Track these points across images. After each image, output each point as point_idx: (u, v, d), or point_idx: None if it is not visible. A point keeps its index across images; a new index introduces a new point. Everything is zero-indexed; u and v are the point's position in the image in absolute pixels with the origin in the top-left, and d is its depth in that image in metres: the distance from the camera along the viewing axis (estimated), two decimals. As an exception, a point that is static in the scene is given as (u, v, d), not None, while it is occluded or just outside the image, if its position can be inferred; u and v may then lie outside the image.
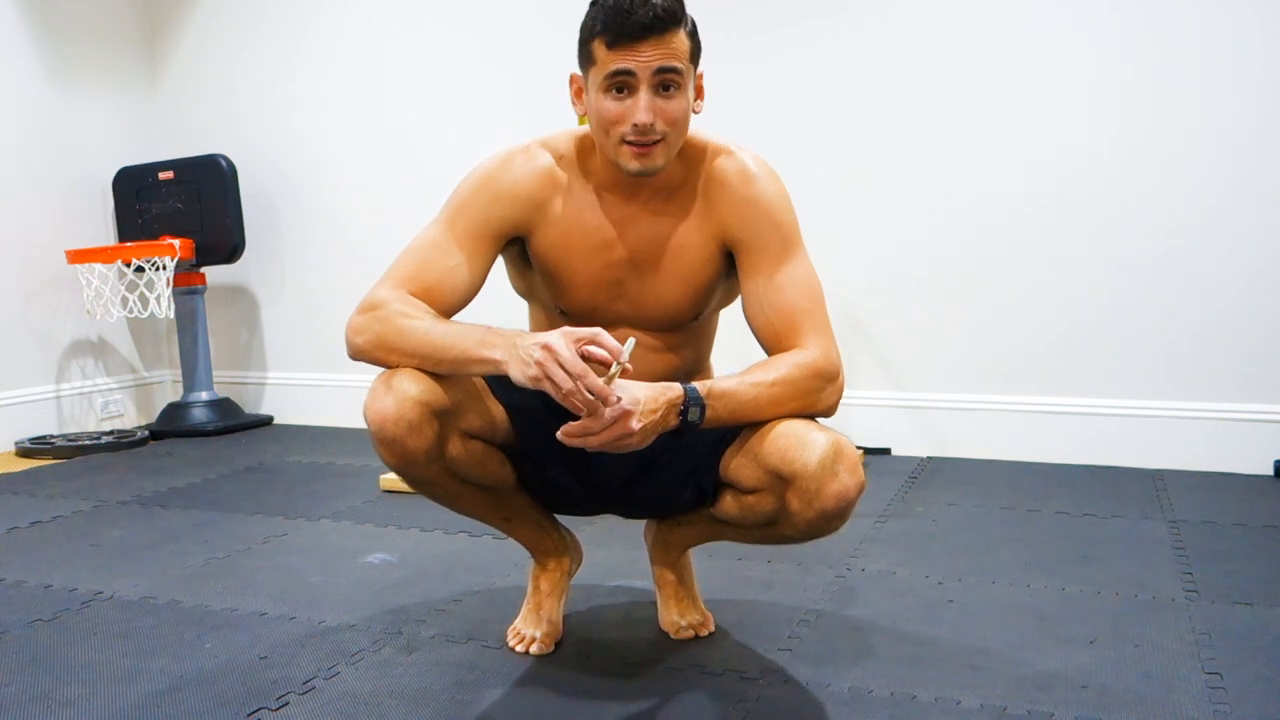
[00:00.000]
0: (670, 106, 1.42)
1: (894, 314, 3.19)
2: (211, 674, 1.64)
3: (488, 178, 1.55)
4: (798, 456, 1.38)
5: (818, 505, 1.38)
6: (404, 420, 1.40)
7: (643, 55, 1.39)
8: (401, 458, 1.43)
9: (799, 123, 3.21)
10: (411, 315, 1.43)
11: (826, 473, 1.37)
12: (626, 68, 1.39)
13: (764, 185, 1.55)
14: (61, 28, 3.88)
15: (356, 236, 3.89)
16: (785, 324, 1.50)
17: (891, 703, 1.49)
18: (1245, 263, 2.80)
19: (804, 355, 1.47)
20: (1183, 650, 1.66)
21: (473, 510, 1.61)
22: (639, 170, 1.46)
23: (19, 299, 3.74)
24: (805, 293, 1.52)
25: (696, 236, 1.56)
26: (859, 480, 1.39)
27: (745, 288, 1.55)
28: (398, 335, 1.42)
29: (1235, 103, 2.77)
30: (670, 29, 1.39)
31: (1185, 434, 2.88)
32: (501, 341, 1.36)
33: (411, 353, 1.42)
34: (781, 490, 1.41)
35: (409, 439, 1.41)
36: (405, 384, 1.40)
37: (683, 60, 1.42)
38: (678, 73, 1.41)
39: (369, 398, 1.42)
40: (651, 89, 1.41)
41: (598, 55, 1.42)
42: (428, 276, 1.49)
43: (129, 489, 3.00)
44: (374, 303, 1.46)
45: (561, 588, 1.74)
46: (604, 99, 1.43)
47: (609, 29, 1.39)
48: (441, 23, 3.69)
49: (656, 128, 1.42)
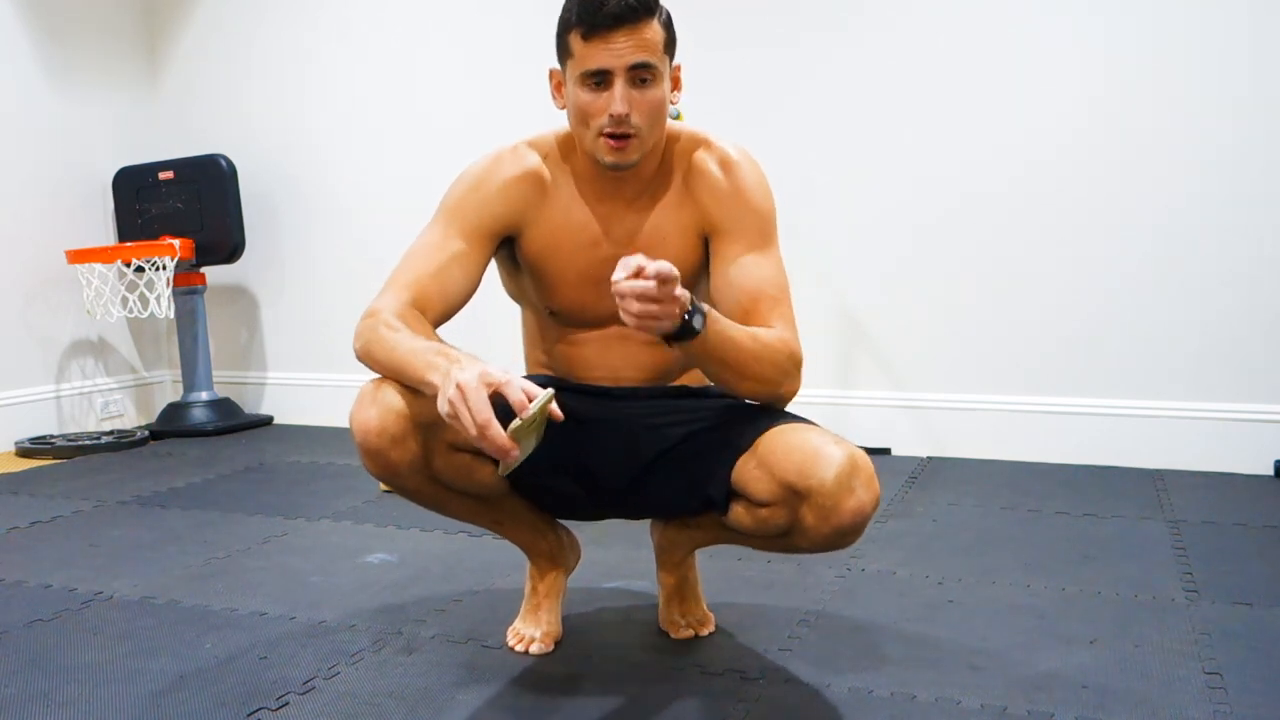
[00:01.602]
0: (646, 98, 1.44)
1: (894, 314, 3.19)
2: (211, 674, 1.64)
3: (479, 178, 1.56)
4: (814, 472, 1.36)
5: (834, 521, 1.37)
6: (386, 433, 1.40)
7: (616, 46, 1.40)
8: (385, 469, 1.43)
9: (799, 122, 3.21)
10: (392, 327, 1.42)
11: (843, 489, 1.35)
12: (602, 67, 1.41)
13: (743, 172, 1.55)
14: (61, 28, 3.88)
15: (357, 236, 3.89)
16: (753, 305, 1.49)
17: (891, 703, 1.49)
18: (1245, 263, 2.80)
19: (780, 334, 1.46)
20: (1183, 650, 1.66)
21: (462, 515, 1.61)
22: (614, 163, 1.47)
23: (19, 299, 3.74)
24: (775, 282, 1.51)
25: (678, 228, 1.56)
26: (875, 495, 1.38)
27: (715, 268, 1.54)
28: (377, 347, 1.42)
29: (1236, 103, 2.77)
30: (643, 19, 1.41)
31: (1185, 434, 2.88)
32: (443, 367, 1.31)
33: (385, 365, 1.42)
34: (796, 504, 1.40)
35: (392, 451, 1.41)
36: (390, 396, 1.40)
37: (656, 52, 1.43)
38: (651, 68, 1.43)
39: (354, 407, 1.42)
40: (627, 80, 1.42)
41: (574, 47, 1.44)
42: (427, 280, 1.49)
43: (129, 489, 3.00)
44: (371, 311, 1.46)
45: (559, 588, 1.74)
46: (581, 92, 1.45)
47: (582, 20, 1.41)
48: (441, 23, 3.69)
49: (632, 119, 1.43)
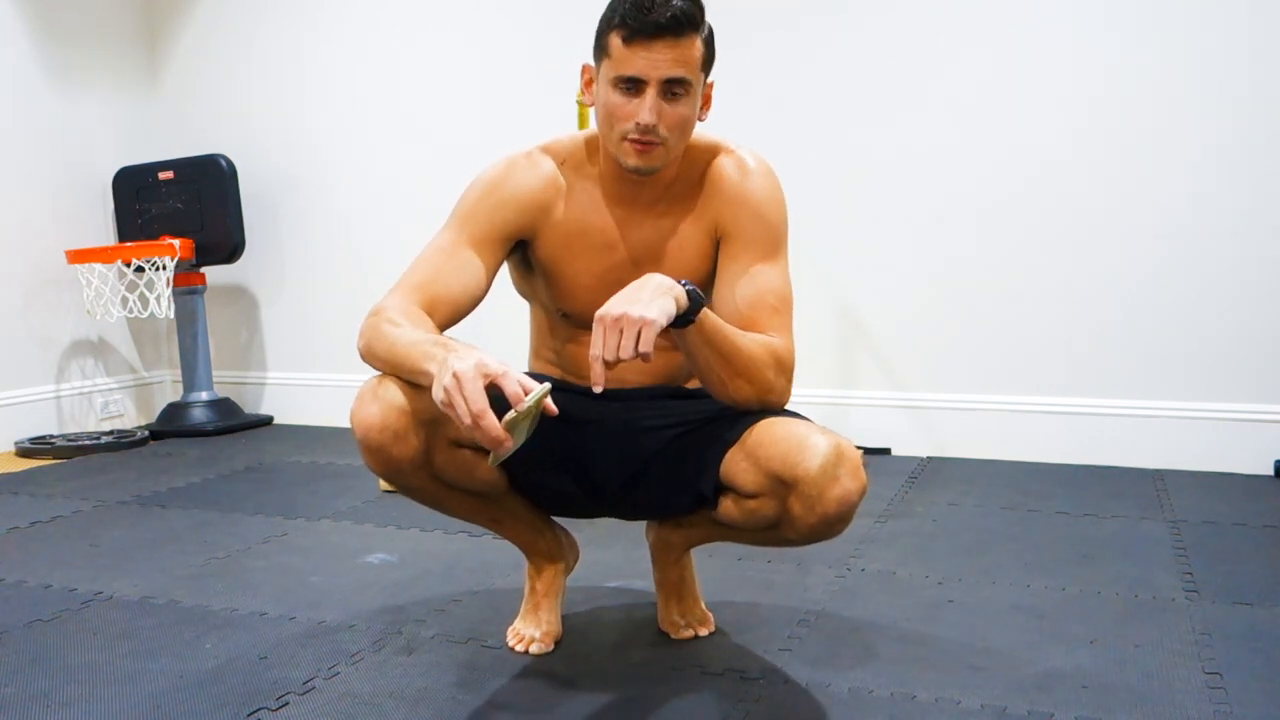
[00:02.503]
0: (675, 111, 1.44)
1: (894, 314, 3.19)
2: (211, 674, 1.64)
3: (493, 184, 1.56)
4: (799, 461, 1.37)
5: (819, 510, 1.37)
6: (388, 429, 1.39)
7: (655, 55, 1.40)
8: (386, 465, 1.43)
9: (799, 122, 3.21)
10: (394, 323, 1.41)
11: (828, 477, 1.36)
12: (636, 75, 1.40)
13: (758, 181, 1.55)
14: (61, 28, 3.88)
15: (357, 236, 3.89)
16: (752, 313, 1.49)
17: (891, 703, 1.49)
18: (1245, 263, 2.80)
19: (771, 339, 1.48)
20: (1183, 650, 1.66)
21: (460, 513, 1.61)
22: (636, 167, 1.47)
23: (19, 299, 3.74)
24: (778, 293, 1.52)
25: (693, 234, 1.57)
26: (861, 483, 1.38)
27: (721, 275, 1.55)
28: (379, 342, 1.42)
29: (1237, 104, 2.77)
30: (687, 33, 1.40)
31: (1185, 434, 2.88)
32: (440, 356, 1.31)
33: (386, 360, 1.41)
34: (783, 495, 1.40)
35: (393, 447, 1.40)
36: (391, 392, 1.40)
37: (693, 69, 1.43)
38: (685, 83, 1.42)
39: (355, 404, 1.42)
40: (659, 91, 1.42)
41: (612, 48, 1.43)
42: (436, 282, 1.49)
43: (129, 489, 3.00)
44: (376, 309, 1.46)
45: (558, 587, 1.74)
46: (612, 93, 1.44)
47: (626, 23, 1.40)
48: (441, 23, 3.69)
49: (659, 131, 1.43)
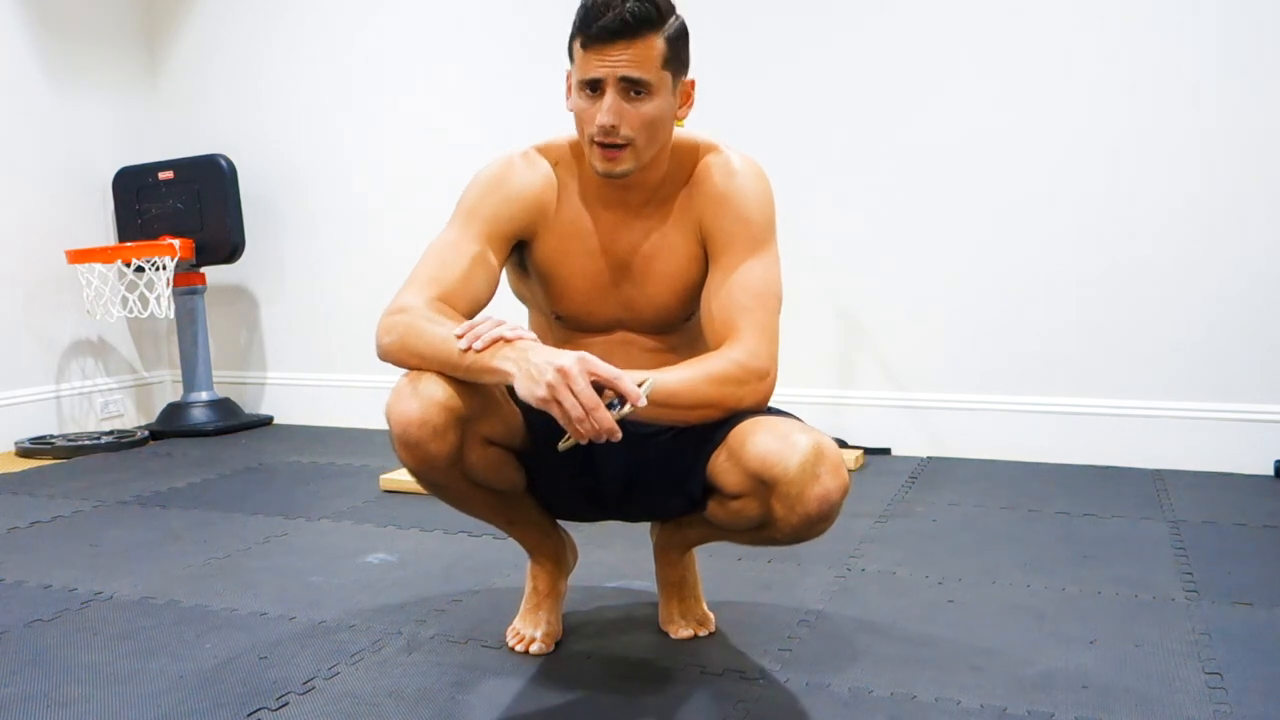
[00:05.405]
0: (638, 111, 1.43)
1: (894, 314, 3.19)
2: (211, 674, 1.64)
3: (496, 180, 1.56)
4: (778, 460, 1.36)
5: (800, 510, 1.36)
6: (428, 425, 1.38)
7: (611, 56, 1.40)
8: (423, 462, 1.41)
9: (798, 122, 3.21)
10: (434, 320, 1.41)
11: (808, 476, 1.35)
12: (594, 76, 1.42)
13: (742, 181, 1.55)
14: (61, 28, 3.88)
15: (357, 235, 3.89)
16: (725, 319, 1.49)
17: (891, 703, 1.49)
18: (1245, 263, 2.80)
19: (729, 352, 1.46)
20: (1183, 650, 1.66)
21: (479, 512, 1.61)
22: (605, 172, 1.47)
23: (19, 299, 3.74)
24: (754, 290, 1.50)
25: (680, 236, 1.56)
26: (842, 482, 1.37)
27: (707, 280, 1.55)
28: (419, 339, 1.40)
29: (1237, 104, 2.77)
30: (644, 33, 1.40)
31: (1185, 434, 2.89)
32: (514, 353, 1.33)
33: (431, 357, 1.40)
34: (765, 495, 1.39)
35: (432, 443, 1.39)
36: (431, 388, 1.38)
37: (650, 68, 1.41)
38: (643, 83, 1.41)
39: (393, 399, 1.40)
40: (618, 92, 1.42)
41: (575, 54, 1.45)
42: (450, 278, 1.48)
43: (129, 489, 3.00)
44: (401, 306, 1.44)
45: (560, 588, 1.75)
46: (579, 98, 1.46)
47: (582, 30, 1.42)
48: (441, 24, 3.69)
49: (622, 131, 1.43)
